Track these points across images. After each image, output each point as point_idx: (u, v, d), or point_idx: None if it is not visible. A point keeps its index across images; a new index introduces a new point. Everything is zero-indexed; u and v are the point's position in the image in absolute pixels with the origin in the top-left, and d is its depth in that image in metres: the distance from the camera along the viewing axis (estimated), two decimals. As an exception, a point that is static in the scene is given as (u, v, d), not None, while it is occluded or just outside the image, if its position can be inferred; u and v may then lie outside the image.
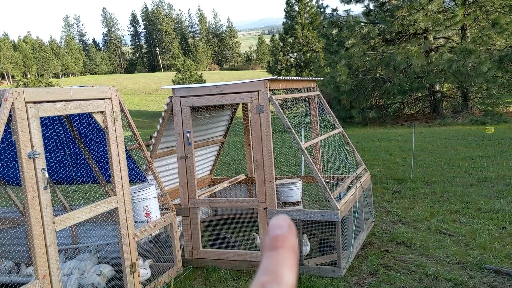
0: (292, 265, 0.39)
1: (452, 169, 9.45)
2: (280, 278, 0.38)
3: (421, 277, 4.54)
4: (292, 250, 0.39)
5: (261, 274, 0.38)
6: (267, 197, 4.84)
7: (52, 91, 3.42)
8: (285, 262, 0.39)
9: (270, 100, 4.75)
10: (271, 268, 0.38)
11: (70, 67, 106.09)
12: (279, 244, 0.39)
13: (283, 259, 0.39)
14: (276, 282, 0.38)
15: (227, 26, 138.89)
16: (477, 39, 20.94)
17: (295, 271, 0.39)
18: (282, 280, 0.38)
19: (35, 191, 3.19)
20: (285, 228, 0.40)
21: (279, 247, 0.39)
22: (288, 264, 0.39)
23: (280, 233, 0.40)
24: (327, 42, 25.13)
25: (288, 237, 0.40)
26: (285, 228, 0.40)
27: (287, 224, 0.40)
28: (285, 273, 0.38)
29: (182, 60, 52.08)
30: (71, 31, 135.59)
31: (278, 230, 0.40)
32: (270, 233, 0.40)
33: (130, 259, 4.12)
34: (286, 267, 0.38)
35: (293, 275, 0.39)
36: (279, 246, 0.39)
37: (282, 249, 0.39)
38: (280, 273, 0.38)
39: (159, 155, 5.76)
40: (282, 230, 0.40)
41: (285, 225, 0.40)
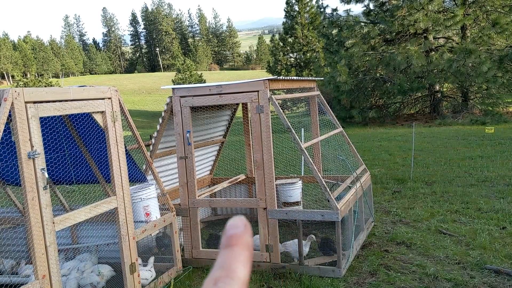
0: (245, 261, 0.41)
1: (452, 169, 9.44)
2: (233, 273, 0.39)
3: (421, 277, 4.54)
4: (246, 247, 0.41)
5: (215, 270, 0.40)
6: (267, 197, 4.83)
7: (51, 91, 3.42)
8: (239, 258, 0.40)
9: (270, 100, 4.75)
10: (225, 264, 0.40)
11: (70, 67, 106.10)
12: (234, 242, 0.41)
13: (236, 256, 0.40)
14: (229, 277, 0.39)
15: (227, 26, 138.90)
16: (477, 39, 20.93)
17: (248, 267, 0.40)
18: (235, 275, 0.39)
19: (35, 191, 3.19)
20: (241, 228, 0.42)
21: (233, 245, 0.41)
22: (241, 260, 0.40)
23: (235, 232, 0.41)
24: (327, 42, 25.13)
25: (243, 236, 0.41)
26: (240, 228, 0.42)
27: (243, 224, 0.42)
28: (238, 269, 0.40)
29: (182, 60, 52.08)
30: (71, 31, 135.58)
31: (234, 230, 0.42)
32: (226, 233, 0.42)
33: (130, 259, 4.12)
34: (239, 262, 0.40)
35: (246, 270, 0.40)
36: (234, 244, 0.41)
37: (236, 246, 0.41)
38: (233, 269, 0.40)
39: (159, 155, 5.75)
40: (237, 230, 0.42)
41: (241, 225, 0.42)
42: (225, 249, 0.41)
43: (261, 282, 4.68)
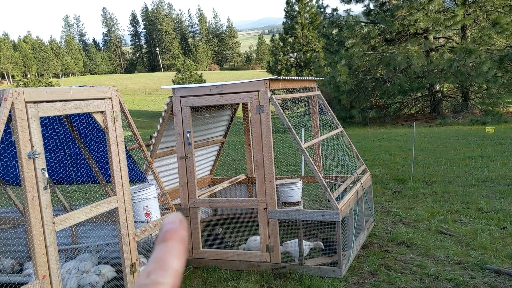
0: (179, 253, 0.42)
1: (452, 169, 9.44)
2: (166, 265, 0.41)
3: (422, 277, 4.53)
4: (180, 241, 0.43)
5: (149, 263, 0.41)
6: (267, 197, 4.83)
7: (52, 91, 3.41)
8: (172, 251, 0.42)
9: (270, 100, 4.74)
10: (159, 258, 0.41)
11: (70, 67, 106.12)
12: (169, 237, 0.42)
13: (170, 249, 0.42)
14: (162, 269, 0.40)
15: (227, 26, 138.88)
16: (477, 39, 20.93)
17: (181, 259, 0.42)
18: (168, 267, 0.41)
19: (35, 191, 3.18)
20: (176, 224, 0.43)
21: (168, 239, 0.42)
22: (175, 252, 0.42)
23: (170, 228, 0.43)
24: (327, 42, 25.12)
25: (178, 231, 0.43)
26: (176, 224, 0.43)
27: (179, 220, 0.44)
28: (171, 261, 0.41)
29: (182, 60, 52.06)
30: (71, 31, 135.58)
31: (169, 225, 0.43)
32: (162, 228, 0.43)
33: (130, 259, 4.11)
34: (173, 255, 0.41)
35: (180, 262, 0.42)
36: (168, 238, 0.42)
37: (170, 240, 0.42)
38: (167, 261, 0.41)
39: (159, 155, 5.75)
40: (173, 225, 0.43)
41: (177, 221, 0.44)
42: (160, 244, 0.42)
43: (262, 282, 4.67)
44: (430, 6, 20.52)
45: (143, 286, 0.40)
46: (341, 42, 23.51)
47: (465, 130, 16.74)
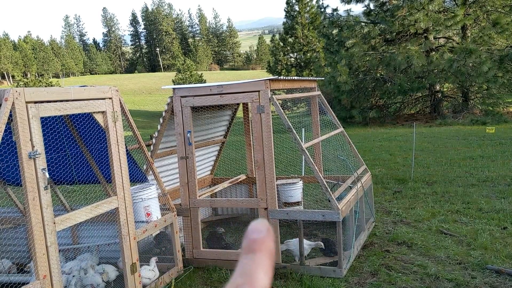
0: (267, 268, 0.39)
1: (453, 169, 9.44)
2: (255, 281, 0.38)
3: (423, 277, 4.53)
4: (268, 254, 0.40)
5: (237, 276, 0.39)
6: (267, 197, 4.83)
7: (52, 91, 3.41)
8: (261, 265, 0.39)
9: (270, 100, 4.74)
10: (247, 271, 0.39)
11: (70, 67, 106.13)
12: (257, 248, 0.39)
13: (259, 263, 0.39)
14: (250, 285, 0.38)
15: (227, 26, 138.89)
16: (477, 39, 20.93)
17: (269, 275, 0.39)
18: (257, 284, 0.38)
19: (36, 191, 3.18)
20: (264, 232, 0.40)
21: (256, 250, 0.39)
22: (264, 267, 0.39)
23: (258, 237, 0.40)
24: (328, 42, 25.12)
25: (266, 241, 0.40)
26: (263, 232, 0.40)
27: (266, 228, 0.41)
28: (260, 277, 0.38)
29: (182, 60, 52.07)
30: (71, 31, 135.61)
31: (256, 234, 0.40)
32: (248, 237, 0.40)
33: (131, 259, 4.11)
34: (261, 270, 0.39)
35: (268, 278, 0.39)
36: (256, 249, 0.39)
37: (259, 252, 0.39)
38: (255, 276, 0.38)
39: (160, 155, 5.75)
40: (260, 234, 0.40)
41: (264, 229, 0.40)
42: (247, 255, 0.40)
43: (262, 282, 4.67)
44: (430, 6, 20.52)
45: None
46: (341, 42, 23.52)
47: (466, 130, 16.74)
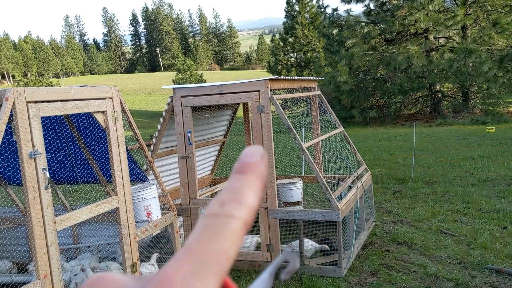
0: (257, 190, 0.38)
1: (453, 169, 9.44)
2: (243, 198, 0.37)
3: (422, 277, 4.54)
4: (260, 176, 0.39)
5: (224, 192, 0.38)
6: (268, 197, 4.83)
7: (53, 90, 3.42)
8: (251, 185, 0.38)
9: (271, 100, 4.75)
10: (235, 189, 0.38)
11: (70, 67, 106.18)
12: (248, 170, 0.39)
13: (248, 183, 0.38)
14: (237, 201, 0.37)
15: (228, 26, 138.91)
16: (477, 38, 20.93)
17: (259, 197, 0.38)
18: (244, 201, 0.37)
19: (36, 191, 3.19)
20: (257, 157, 0.39)
21: (247, 172, 0.38)
22: (253, 188, 0.38)
23: (251, 161, 0.39)
24: (328, 41, 25.13)
25: (258, 165, 0.39)
26: (257, 157, 0.39)
27: (260, 153, 0.40)
28: (249, 195, 0.37)
29: (183, 60, 52.08)
30: (72, 31, 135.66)
31: (250, 158, 0.39)
32: (241, 160, 0.40)
33: (131, 259, 4.12)
34: (251, 190, 0.38)
35: (256, 199, 0.38)
36: (248, 171, 0.38)
37: (250, 173, 0.38)
38: (243, 194, 0.37)
39: (160, 155, 5.76)
40: (253, 158, 0.39)
41: (258, 154, 0.40)
42: (237, 175, 0.38)
43: (262, 282, 4.67)
44: (431, 6, 20.53)
45: (214, 216, 0.36)
46: (341, 42, 23.53)
47: (466, 130, 16.74)
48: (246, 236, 5.13)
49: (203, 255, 0.34)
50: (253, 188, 0.38)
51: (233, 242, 0.35)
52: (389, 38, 22.91)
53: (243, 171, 0.38)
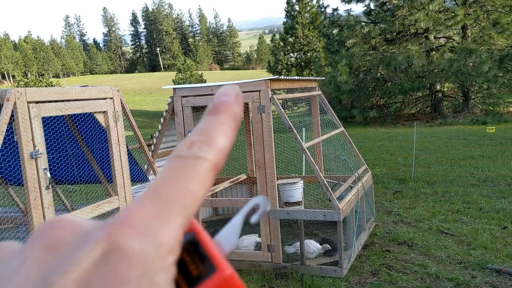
0: (229, 130, 0.36)
1: (453, 169, 9.44)
2: (212, 140, 0.35)
3: (423, 277, 4.54)
4: (233, 116, 0.37)
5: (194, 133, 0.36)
6: (268, 196, 4.84)
7: (54, 91, 3.42)
8: (222, 126, 0.36)
9: (271, 100, 4.75)
10: (205, 130, 0.36)
11: (70, 67, 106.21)
12: (221, 110, 0.37)
13: (220, 123, 0.36)
14: (206, 143, 0.35)
15: (228, 26, 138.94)
16: (478, 38, 20.94)
17: (231, 138, 0.36)
18: (214, 143, 0.35)
19: (37, 191, 3.19)
20: (232, 97, 0.38)
21: (220, 112, 0.37)
22: (224, 128, 0.36)
23: (224, 100, 0.37)
24: (328, 41, 25.14)
25: (232, 105, 0.37)
26: (231, 96, 0.38)
27: (235, 93, 0.38)
28: (219, 137, 0.36)
29: (183, 60, 52.09)
30: (72, 31, 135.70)
31: (224, 97, 0.38)
32: (214, 100, 0.38)
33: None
34: (222, 131, 0.36)
35: (228, 140, 0.36)
36: (221, 111, 0.37)
37: (222, 114, 0.37)
38: (213, 136, 0.36)
39: (161, 155, 5.76)
40: (228, 98, 0.38)
41: (233, 94, 0.38)
42: (209, 116, 0.37)
43: (263, 282, 4.68)
44: (431, 6, 20.53)
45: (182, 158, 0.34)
46: (341, 42, 23.53)
47: (466, 130, 16.74)
48: (245, 236, 5.17)
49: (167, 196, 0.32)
50: (225, 129, 0.36)
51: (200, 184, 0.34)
52: (389, 38, 22.92)
53: (215, 112, 0.37)
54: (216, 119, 0.36)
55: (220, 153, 0.35)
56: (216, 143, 0.35)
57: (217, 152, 0.35)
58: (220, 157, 0.35)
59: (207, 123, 0.36)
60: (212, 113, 0.37)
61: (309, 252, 4.90)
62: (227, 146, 0.36)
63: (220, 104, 0.37)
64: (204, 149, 0.35)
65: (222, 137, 0.36)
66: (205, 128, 0.36)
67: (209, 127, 0.36)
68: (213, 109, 0.37)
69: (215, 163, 0.35)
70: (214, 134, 0.36)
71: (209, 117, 0.37)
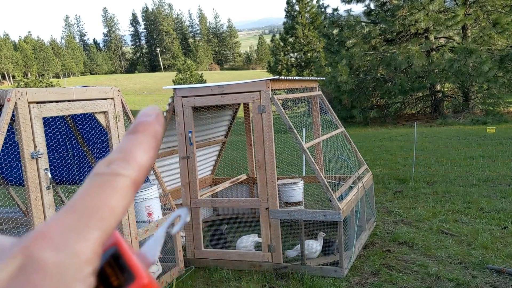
0: (149, 148, 0.38)
1: (453, 169, 9.45)
2: (131, 157, 0.36)
3: (423, 277, 4.54)
4: (152, 134, 0.38)
5: (113, 152, 0.37)
6: (268, 197, 4.84)
7: (54, 91, 3.42)
8: (142, 144, 0.37)
9: (271, 100, 4.75)
10: (124, 148, 0.37)
11: (70, 67, 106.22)
12: (140, 129, 0.38)
13: (139, 142, 0.38)
14: (125, 161, 0.36)
15: (228, 26, 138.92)
16: (478, 38, 20.94)
17: (151, 154, 0.38)
18: (133, 160, 0.36)
19: (38, 191, 3.19)
20: (152, 117, 0.39)
21: (139, 131, 0.38)
22: (144, 146, 0.37)
23: (144, 120, 0.39)
24: (328, 41, 25.14)
25: (152, 124, 0.39)
26: (152, 117, 0.39)
27: (156, 113, 0.40)
28: (138, 154, 0.37)
29: (183, 60, 52.10)
30: (72, 31, 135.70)
31: (144, 118, 0.39)
32: (135, 120, 0.39)
33: (133, 259, 4.12)
34: (141, 148, 0.37)
35: (147, 157, 0.37)
36: (140, 131, 0.38)
37: (141, 133, 0.38)
38: (132, 153, 0.37)
39: (161, 155, 5.76)
40: (148, 118, 0.39)
41: (153, 114, 0.40)
42: (129, 135, 0.38)
43: (263, 282, 4.68)
44: (431, 6, 20.53)
45: (99, 175, 0.35)
46: (341, 42, 23.53)
47: (466, 130, 16.74)
48: (245, 236, 5.17)
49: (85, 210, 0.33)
50: (144, 146, 0.37)
51: (119, 199, 0.35)
52: (390, 38, 22.92)
53: (135, 131, 0.38)
54: (135, 137, 0.38)
55: (139, 169, 0.36)
56: (135, 160, 0.36)
57: (136, 169, 0.36)
58: (139, 173, 0.36)
59: (126, 142, 0.38)
60: (131, 133, 0.38)
61: (312, 252, 4.91)
62: (147, 163, 0.37)
63: (140, 124, 0.39)
64: (122, 166, 0.36)
65: (141, 154, 0.37)
66: (124, 146, 0.37)
67: (128, 145, 0.37)
68: (133, 129, 0.38)
69: (134, 179, 0.36)
70: (133, 152, 0.37)
71: (129, 136, 0.38)
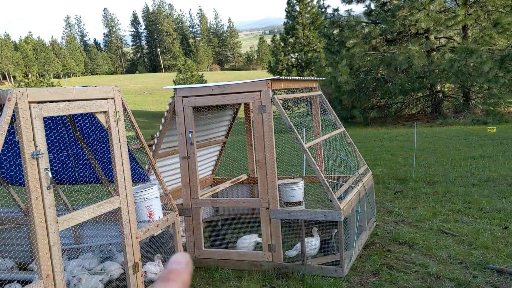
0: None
1: (454, 169, 9.44)
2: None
3: (424, 276, 4.54)
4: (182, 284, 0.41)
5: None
6: (269, 197, 4.84)
7: (55, 91, 3.42)
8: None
9: (272, 100, 4.75)
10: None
11: (71, 68, 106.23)
12: (171, 278, 0.41)
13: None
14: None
15: (228, 26, 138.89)
16: (478, 39, 20.93)
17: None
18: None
19: (39, 191, 3.19)
20: (183, 265, 0.42)
21: (170, 280, 0.41)
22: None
23: (175, 268, 0.42)
24: (328, 42, 25.14)
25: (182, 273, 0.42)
26: (182, 265, 0.42)
27: (185, 261, 0.43)
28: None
29: (183, 60, 52.11)
30: (72, 32, 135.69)
31: (175, 265, 0.42)
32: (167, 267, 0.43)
33: (133, 259, 4.12)
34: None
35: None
36: (171, 279, 0.41)
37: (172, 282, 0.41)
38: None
39: (162, 155, 5.76)
40: (178, 266, 0.42)
41: (183, 262, 0.43)
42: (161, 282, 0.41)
43: (264, 282, 4.68)
44: (431, 6, 20.53)
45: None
46: (342, 42, 23.53)
47: (467, 130, 16.73)
48: (245, 236, 5.17)
49: None
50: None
51: None
52: (390, 38, 22.92)
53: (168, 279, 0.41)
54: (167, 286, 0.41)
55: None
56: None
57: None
58: None
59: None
60: (163, 279, 0.41)
61: (312, 248, 4.91)
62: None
63: (171, 272, 0.42)
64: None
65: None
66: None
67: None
68: (165, 276, 0.42)
69: None
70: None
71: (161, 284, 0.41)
